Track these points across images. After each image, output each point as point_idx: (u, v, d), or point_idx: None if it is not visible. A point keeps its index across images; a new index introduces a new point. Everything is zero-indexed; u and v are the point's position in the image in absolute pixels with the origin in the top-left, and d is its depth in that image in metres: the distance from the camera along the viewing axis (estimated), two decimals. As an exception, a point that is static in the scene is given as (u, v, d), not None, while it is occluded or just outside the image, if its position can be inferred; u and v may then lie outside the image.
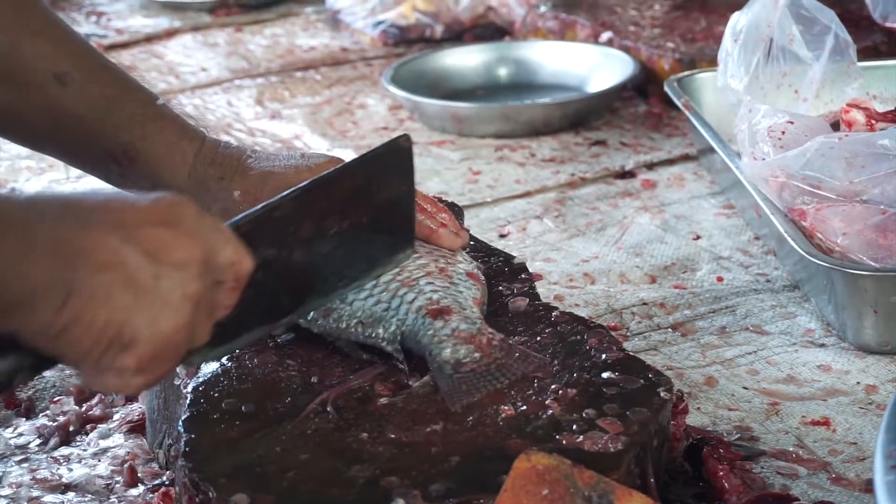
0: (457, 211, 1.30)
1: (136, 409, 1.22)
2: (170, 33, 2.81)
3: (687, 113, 1.67)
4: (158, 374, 0.84)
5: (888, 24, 1.99)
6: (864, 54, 1.73)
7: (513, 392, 0.96)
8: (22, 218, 0.77)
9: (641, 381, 0.98)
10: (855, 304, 1.24)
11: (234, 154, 1.11)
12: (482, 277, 1.10)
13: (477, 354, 0.99)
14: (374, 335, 1.02)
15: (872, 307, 1.23)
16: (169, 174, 1.09)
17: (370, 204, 1.01)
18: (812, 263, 1.27)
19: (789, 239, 1.30)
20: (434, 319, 1.01)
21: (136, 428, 1.19)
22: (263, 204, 0.94)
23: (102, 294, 0.78)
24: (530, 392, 0.96)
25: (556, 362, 1.01)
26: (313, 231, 0.96)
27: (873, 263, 1.25)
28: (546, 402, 0.95)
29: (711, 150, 1.59)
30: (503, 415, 0.94)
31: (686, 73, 1.84)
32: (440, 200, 1.31)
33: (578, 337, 1.04)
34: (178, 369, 1.05)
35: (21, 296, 0.75)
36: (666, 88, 1.76)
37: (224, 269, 0.85)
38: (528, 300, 1.10)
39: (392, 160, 1.03)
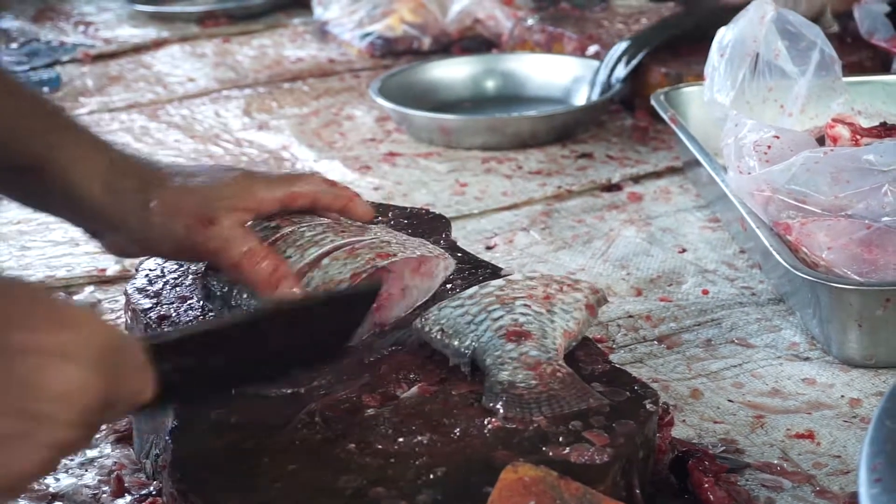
0: (444, 223, 1.30)
1: (123, 419, 1.22)
2: (157, 44, 2.82)
3: (673, 126, 1.68)
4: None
5: (874, 41, 2.01)
6: (849, 70, 1.74)
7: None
8: None
9: (627, 393, 0.98)
10: (839, 318, 1.25)
11: (151, 165, 1.09)
12: (597, 310, 1.09)
13: (533, 382, 0.97)
14: (449, 346, 1.03)
15: (857, 321, 1.24)
16: (81, 186, 1.04)
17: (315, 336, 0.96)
18: (797, 277, 1.27)
19: (774, 253, 1.30)
20: (507, 341, 1.01)
21: (123, 438, 1.19)
22: (198, 326, 0.93)
23: None
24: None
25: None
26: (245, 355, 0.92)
27: (858, 277, 1.26)
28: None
29: (697, 163, 1.59)
30: (490, 426, 0.94)
31: (673, 86, 1.85)
32: (426, 213, 1.32)
33: (565, 349, 1.04)
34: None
35: None
36: (652, 102, 1.77)
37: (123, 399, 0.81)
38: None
39: (355, 302, 0.99)
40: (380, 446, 0.92)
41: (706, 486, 1.03)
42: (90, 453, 1.17)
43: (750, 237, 1.46)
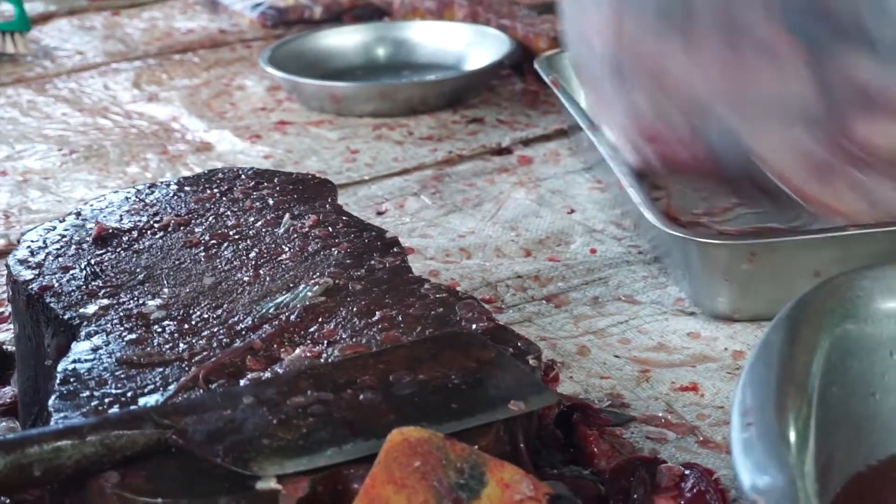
0: (329, 188, 1.30)
1: (8, 391, 1.20)
2: (45, 18, 2.77)
3: (555, 90, 1.69)
4: None
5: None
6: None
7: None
8: None
9: (510, 349, 0.99)
10: (707, 274, 1.26)
11: None
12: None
13: None
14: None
15: (724, 276, 1.25)
16: None
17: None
18: (667, 235, 1.28)
19: (645, 211, 1.30)
20: None
21: (8, 411, 1.17)
22: None
23: None
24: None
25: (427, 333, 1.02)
26: None
27: (724, 233, 1.28)
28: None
29: (579, 127, 1.60)
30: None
31: (556, 50, 1.86)
32: (312, 178, 1.32)
33: (448, 308, 1.05)
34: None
35: None
36: (536, 66, 1.78)
37: None
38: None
39: None
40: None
41: (591, 439, 1.04)
42: (-25, 427, 1.16)
43: (626, 200, 1.46)
